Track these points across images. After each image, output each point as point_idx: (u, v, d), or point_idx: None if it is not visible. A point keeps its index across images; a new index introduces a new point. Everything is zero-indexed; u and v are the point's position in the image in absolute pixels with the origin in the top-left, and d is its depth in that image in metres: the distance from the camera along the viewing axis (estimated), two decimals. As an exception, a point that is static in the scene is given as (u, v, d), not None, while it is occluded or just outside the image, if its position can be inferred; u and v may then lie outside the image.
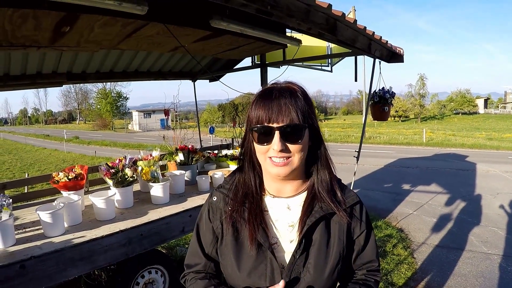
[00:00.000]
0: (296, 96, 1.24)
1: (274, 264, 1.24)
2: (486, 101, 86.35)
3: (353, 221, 1.38)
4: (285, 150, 1.21)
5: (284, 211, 1.34)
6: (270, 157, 1.24)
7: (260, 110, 1.23)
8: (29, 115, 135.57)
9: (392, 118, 66.45)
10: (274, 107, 1.20)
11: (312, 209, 1.30)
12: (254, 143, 1.27)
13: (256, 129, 1.24)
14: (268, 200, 1.37)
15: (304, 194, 1.35)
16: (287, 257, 1.28)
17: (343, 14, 3.25)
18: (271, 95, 1.24)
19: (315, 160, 1.35)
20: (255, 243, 1.27)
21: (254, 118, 1.25)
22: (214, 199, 1.44)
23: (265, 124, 1.21)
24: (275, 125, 1.20)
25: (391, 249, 6.39)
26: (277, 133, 1.19)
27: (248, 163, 1.38)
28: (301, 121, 1.21)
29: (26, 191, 5.63)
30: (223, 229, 1.37)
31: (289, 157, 1.23)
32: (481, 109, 78.38)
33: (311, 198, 1.32)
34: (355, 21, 3.64)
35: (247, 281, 1.28)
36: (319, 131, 1.33)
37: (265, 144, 1.23)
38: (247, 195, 1.36)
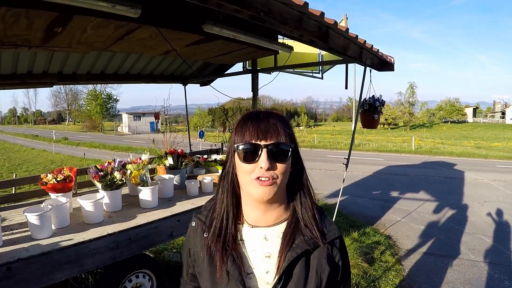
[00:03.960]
0: (283, 119, 1.27)
1: None
2: (475, 110, 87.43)
3: (332, 257, 1.30)
4: (271, 168, 1.19)
5: (261, 241, 1.30)
6: (256, 178, 1.21)
7: (247, 129, 1.22)
8: (18, 114, 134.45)
9: (382, 126, 66.85)
10: (262, 125, 1.21)
11: (293, 241, 1.25)
12: (239, 163, 1.24)
13: (242, 147, 1.21)
14: (245, 230, 1.34)
15: (284, 225, 1.31)
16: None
17: (335, 22, 3.28)
18: (258, 115, 1.25)
19: (296, 188, 1.33)
20: (224, 273, 1.26)
21: (239, 137, 1.24)
22: (193, 225, 1.45)
23: (253, 141, 1.20)
24: (262, 142, 1.19)
25: (378, 256, 6.41)
26: (264, 151, 1.18)
27: (228, 189, 1.34)
28: (288, 141, 1.23)
29: (13, 192, 5.59)
30: (200, 255, 1.36)
31: (274, 178, 1.21)
32: (470, 118, 79.26)
33: (293, 229, 1.28)
34: (347, 29, 3.67)
35: None
36: (300, 157, 1.33)
37: (251, 162, 1.20)
38: (222, 224, 1.33)
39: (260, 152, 1.19)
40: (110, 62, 5.84)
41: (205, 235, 1.34)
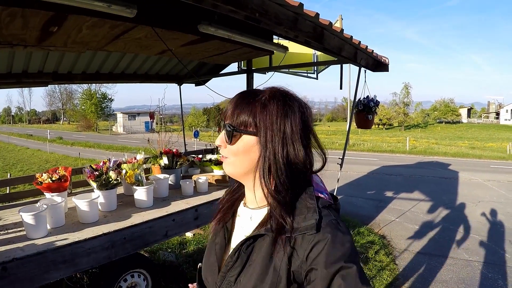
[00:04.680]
0: (252, 100, 1.18)
1: (216, 267, 1.27)
2: (469, 110, 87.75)
3: (298, 254, 1.09)
4: (223, 147, 1.23)
5: (248, 221, 1.29)
6: None
7: None
8: (12, 114, 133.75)
9: (376, 126, 67.00)
10: (228, 105, 1.23)
11: (262, 226, 1.18)
12: None
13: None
14: (241, 206, 1.37)
15: (266, 209, 1.22)
16: None
17: (330, 23, 3.29)
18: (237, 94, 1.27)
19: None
20: (213, 239, 1.34)
21: None
22: None
23: (224, 119, 1.25)
24: (225, 121, 1.22)
25: (373, 255, 6.44)
26: (224, 129, 1.22)
27: None
28: (239, 124, 1.17)
29: (8, 192, 5.58)
30: None
31: (227, 157, 1.24)
32: (464, 119, 79.57)
33: (269, 215, 1.17)
34: (342, 30, 3.68)
35: (204, 271, 1.35)
36: (268, 142, 1.14)
37: None
38: (224, 198, 1.42)
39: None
40: (106, 61, 5.83)
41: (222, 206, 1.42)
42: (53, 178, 3.50)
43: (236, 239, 1.29)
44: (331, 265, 1.03)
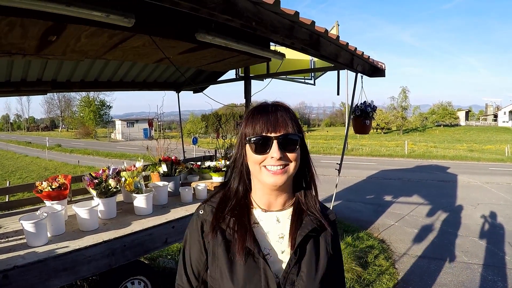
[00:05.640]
0: (289, 111, 1.36)
1: (269, 273, 1.25)
2: (467, 113, 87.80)
3: (336, 236, 1.46)
4: (283, 158, 1.28)
5: (274, 223, 1.40)
6: (265, 166, 1.30)
7: (258, 122, 1.30)
8: (11, 121, 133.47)
9: (375, 130, 67.06)
10: (272, 118, 1.30)
11: (301, 221, 1.36)
12: (251, 154, 1.32)
13: (254, 139, 1.29)
14: (258, 213, 1.40)
15: (291, 209, 1.42)
16: (280, 267, 1.31)
17: (326, 30, 3.32)
18: (267, 108, 1.34)
19: (302, 175, 1.43)
20: (244, 252, 1.27)
21: (250, 130, 1.31)
22: (201, 213, 1.43)
23: (263, 134, 1.28)
24: (273, 134, 1.28)
25: (372, 260, 6.44)
26: (275, 142, 1.28)
27: (238, 176, 1.42)
28: (296, 132, 1.32)
29: (7, 200, 5.58)
30: (213, 243, 1.35)
31: (286, 165, 1.30)
32: (462, 121, 79.71)
33: (299, 211, 1.39)
34: (338, 37, 3.71)
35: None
36: (306, 146, 1.42)
37: (262, 154, 1.29)
38: (235, 207, 1.39)
39: (271, 143, 1.28)
40: (104, 69, 5.85)
41: (220, 220, 1.37)
42: (53, 186, 3.52)
43: (268, 244, 1.36)
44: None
